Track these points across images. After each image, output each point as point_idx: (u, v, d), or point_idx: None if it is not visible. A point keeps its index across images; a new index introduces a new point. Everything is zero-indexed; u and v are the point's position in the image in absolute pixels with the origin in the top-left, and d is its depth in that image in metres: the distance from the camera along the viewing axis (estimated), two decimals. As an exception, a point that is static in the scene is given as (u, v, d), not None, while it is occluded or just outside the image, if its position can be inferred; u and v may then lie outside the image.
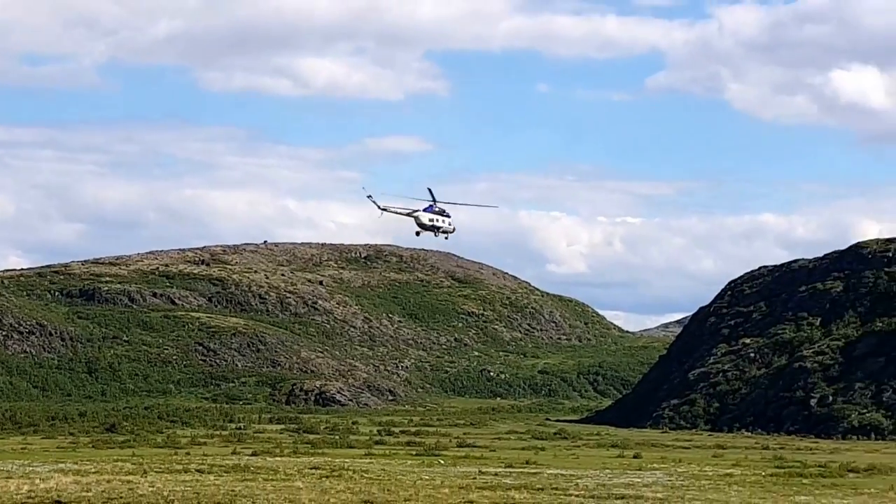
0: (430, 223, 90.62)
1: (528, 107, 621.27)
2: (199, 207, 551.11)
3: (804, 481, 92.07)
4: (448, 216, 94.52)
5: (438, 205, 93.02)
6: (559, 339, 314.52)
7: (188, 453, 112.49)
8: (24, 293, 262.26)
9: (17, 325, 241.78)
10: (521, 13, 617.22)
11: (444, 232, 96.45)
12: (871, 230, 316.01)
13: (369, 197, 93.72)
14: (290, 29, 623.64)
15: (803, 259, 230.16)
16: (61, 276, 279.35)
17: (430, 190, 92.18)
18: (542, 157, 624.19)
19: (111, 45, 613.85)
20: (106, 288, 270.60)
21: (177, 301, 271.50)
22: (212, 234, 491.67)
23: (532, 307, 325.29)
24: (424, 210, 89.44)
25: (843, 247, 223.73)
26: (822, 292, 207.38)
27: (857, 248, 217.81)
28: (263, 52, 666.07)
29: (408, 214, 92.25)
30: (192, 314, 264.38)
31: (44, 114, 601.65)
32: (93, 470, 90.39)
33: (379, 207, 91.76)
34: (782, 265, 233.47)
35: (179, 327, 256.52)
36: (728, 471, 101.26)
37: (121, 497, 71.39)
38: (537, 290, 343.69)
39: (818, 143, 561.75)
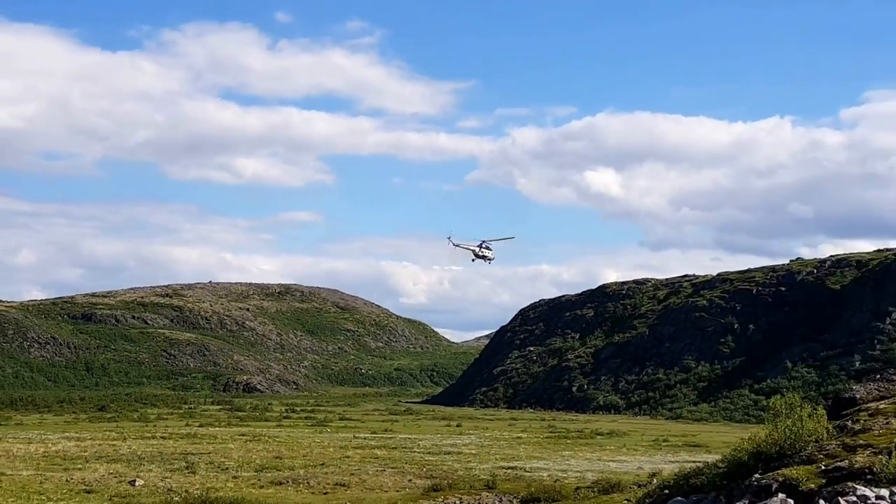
0: (482, 253, 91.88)
1: (387, 193, 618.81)
2: (165, 258, 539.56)
3: (568, 441, 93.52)
4: (491, 249, 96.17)
5: (486, 242, 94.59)
6: (408, 347, 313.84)
7: (155, 425, 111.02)
8: (43, 316, 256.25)
9: (37, 338, 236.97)
10: (382, 130, 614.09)
11: (488, 259, 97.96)
12: (611, 276, 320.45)
13: (449, 238, 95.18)
14: (228, 138, 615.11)
15: (568, 295, 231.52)
16: (68, 304, 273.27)
17: (484, 241, 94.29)
18: (397, 226, 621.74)
19: (104, 147, 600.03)
20: (100, 313, 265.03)
21: (148, 322, 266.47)
22: (173, 277, 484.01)
23: (390, 326, 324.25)
24: (478, 245, 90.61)
25: (594, 286, 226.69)
26: (580, 316, 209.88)
27: (603, 288, 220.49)
28: (210, 153, 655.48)
29: (469, 248, 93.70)
30: (159, 331, 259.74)
31: (58, 194, 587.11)
32: (88, 437, 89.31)
33: (454, 244, 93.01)
34: (554, 299, 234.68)
35: (150, 340, 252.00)
36: (518, 434, 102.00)
37: (107, 455, 71.05)
38: (394, 314, 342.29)
39: (577, 219, 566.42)
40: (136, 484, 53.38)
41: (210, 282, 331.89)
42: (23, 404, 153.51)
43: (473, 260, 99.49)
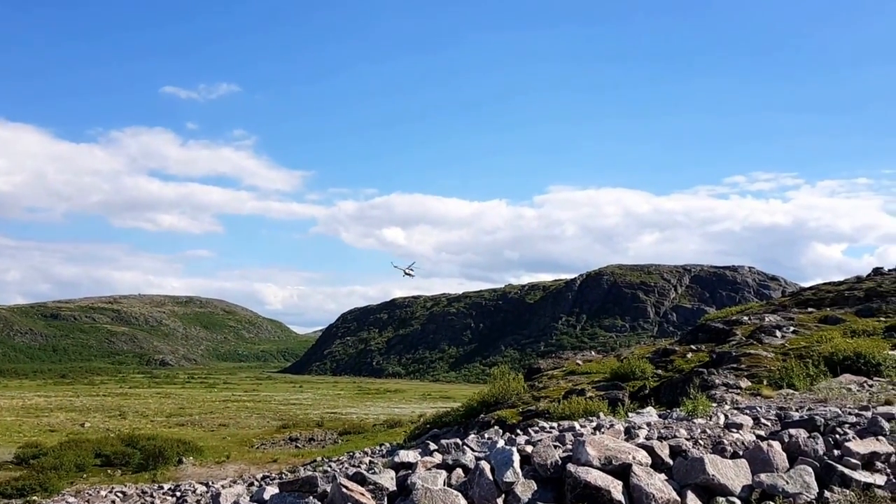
0: (409, 272, 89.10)
1: (256, 241, 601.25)
2: (109, 278, 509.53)
3: (369, 395, 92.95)
4: (414, 270, 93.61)
5: (411, 266, 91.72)
6: (269, 337, 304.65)
7: (99, 387, 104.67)
8: (24, 315, 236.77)
9: (19, 329, 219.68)
10: (255, 200, 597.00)
11: (412, 276, 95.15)
12: (398, 293, 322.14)
13: (391, 262, 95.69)
14: (153, 201, 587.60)
15: (372, 304, 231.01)
16: (42, 307, 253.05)
17: (412, 264, 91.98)
18: (264, 260, 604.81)
19: (69, 205, 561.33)
20: (63, 313, 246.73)
21: (96, 320, 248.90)
22: (114, 290, 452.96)
23: (258, 323, 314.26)
24: (408, 267, 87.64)
25: (388, 300, 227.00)
26: (379, 318, 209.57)
27: (394, 300, 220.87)
28: (141, 210, 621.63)
29: (401, 269, 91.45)
30: (104, 326, 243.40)
31: (36, 235, 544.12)
32: (53, 395, 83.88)
33: (394, 266, 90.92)
34: (363, 307, 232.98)
35: (98, 331, 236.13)
36: (339, 392, 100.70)
37: (66, 407, 67.00)
38: (261, 316, 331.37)
39: (378, 258, 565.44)
40: (85, 426, 51.29)
41: (139, 294, 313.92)
42: (8, 374, 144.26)
43: (403, 276, 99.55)
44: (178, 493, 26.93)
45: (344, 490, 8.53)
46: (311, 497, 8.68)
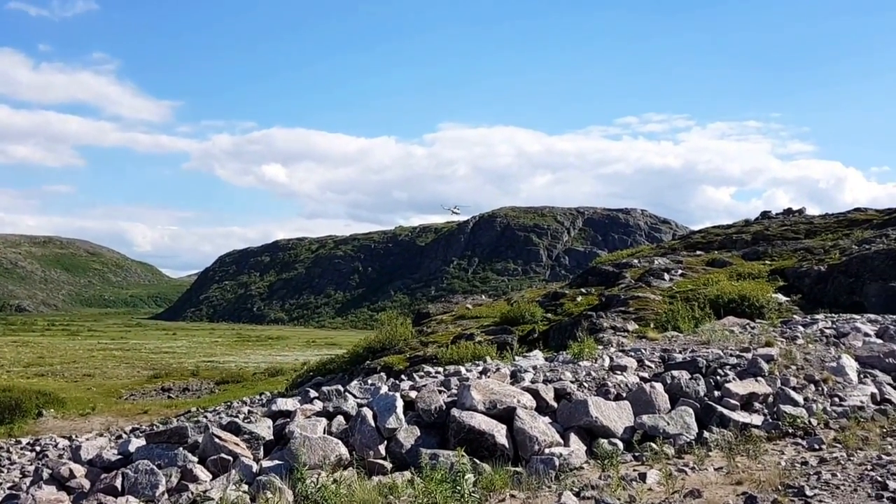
0: (456, 212, 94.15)
1: (122, 176, 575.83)
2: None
3: (249, 343, 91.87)
4: (460, 209, 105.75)
5: (456, 206, 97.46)
6: (139, 280, 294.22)
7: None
8: None
9: None
10: (119, 131, 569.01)
11: (459, 214, 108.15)
12: (281, 234, 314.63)
13: (441, 205, 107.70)
14: (2, 131, 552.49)
15: (252, 247, 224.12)
16: None
17: (456, 205, 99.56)
18: (131, 197, 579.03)
19: None
20: None
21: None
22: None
23: (126, 266, 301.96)
24: (455, 206, 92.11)
25: (270, 241, 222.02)
26: (260, 261, 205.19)
27: (276, 242, 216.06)
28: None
29: (449, 209, 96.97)
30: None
31: None
32: None
33: (444, 207, 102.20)
34: (243, 249, 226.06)
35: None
36: (216, 339, 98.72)
37: None
38: (129, 258, 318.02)
39: (258, 197, 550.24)
40: (-76, 379, 48.07)
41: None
42: None
43: (451, 212, 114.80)
44: (37, 448, 26.02)
45: (216, 440, 8.43)
46: (180, 448, 8.53)
